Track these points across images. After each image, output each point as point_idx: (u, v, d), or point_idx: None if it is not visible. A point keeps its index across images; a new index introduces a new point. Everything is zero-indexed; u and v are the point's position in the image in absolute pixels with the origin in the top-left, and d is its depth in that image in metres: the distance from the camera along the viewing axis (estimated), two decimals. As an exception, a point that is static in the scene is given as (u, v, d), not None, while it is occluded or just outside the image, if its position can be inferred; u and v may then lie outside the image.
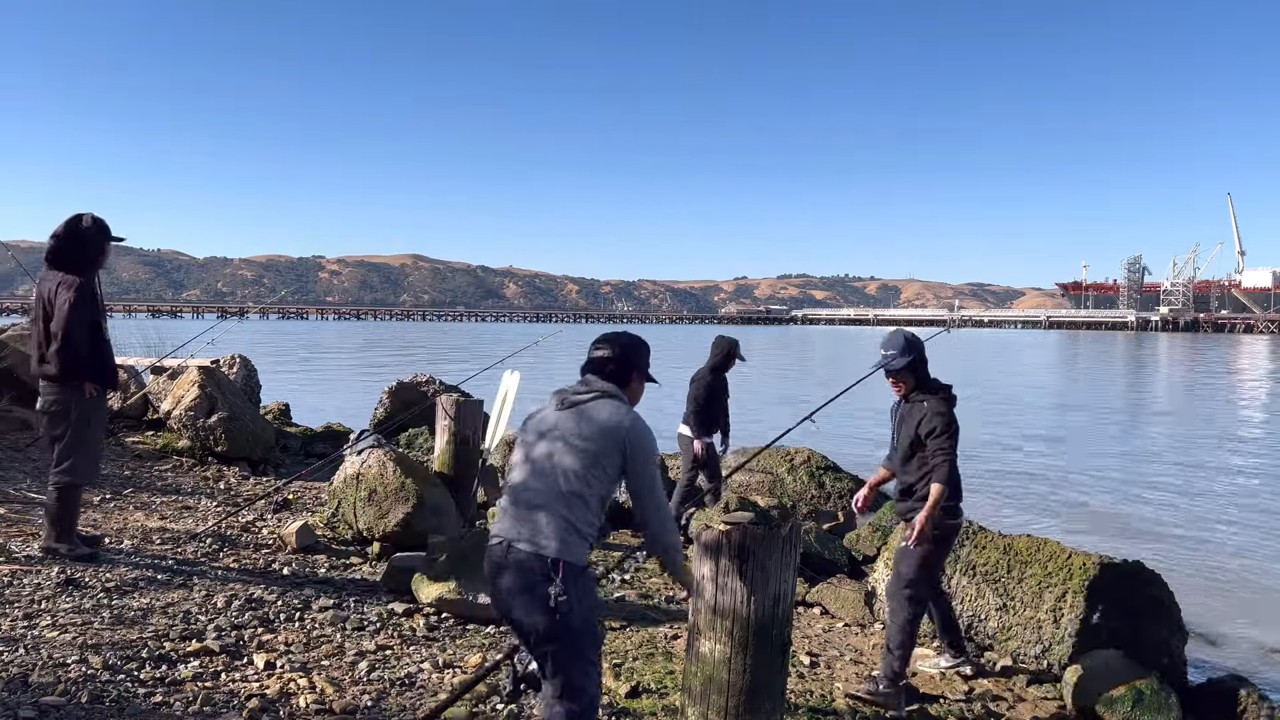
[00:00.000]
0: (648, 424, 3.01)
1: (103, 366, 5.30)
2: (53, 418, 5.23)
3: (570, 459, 2.89)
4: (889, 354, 4.59)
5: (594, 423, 2.92)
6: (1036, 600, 5.27)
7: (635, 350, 3.17)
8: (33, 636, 4.10)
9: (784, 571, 3.24)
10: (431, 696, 3.86)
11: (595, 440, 2.90)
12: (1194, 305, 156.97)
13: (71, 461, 5.20)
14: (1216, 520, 10.89)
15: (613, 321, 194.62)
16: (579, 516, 2.85)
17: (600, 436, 2.90)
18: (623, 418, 2.95)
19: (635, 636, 4.94)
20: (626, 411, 2.99)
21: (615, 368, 3.10)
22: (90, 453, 5.34)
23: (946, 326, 6.17)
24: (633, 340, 3.20)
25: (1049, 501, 11.81)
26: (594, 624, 2.92)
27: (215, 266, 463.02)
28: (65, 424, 5.20)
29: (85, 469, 5.32)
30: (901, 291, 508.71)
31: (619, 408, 2.98)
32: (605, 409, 2.96)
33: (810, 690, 4.51)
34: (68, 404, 5.21)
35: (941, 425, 4.45)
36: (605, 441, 2.90)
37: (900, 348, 4.57)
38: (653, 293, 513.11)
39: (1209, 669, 5.79)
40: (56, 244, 5.17)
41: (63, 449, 5.21)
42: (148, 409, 10.33)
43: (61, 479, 5.20)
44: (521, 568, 2.83)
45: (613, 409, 2.97)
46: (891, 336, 4.67)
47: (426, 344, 57.61)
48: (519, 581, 2.83)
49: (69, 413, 5.21)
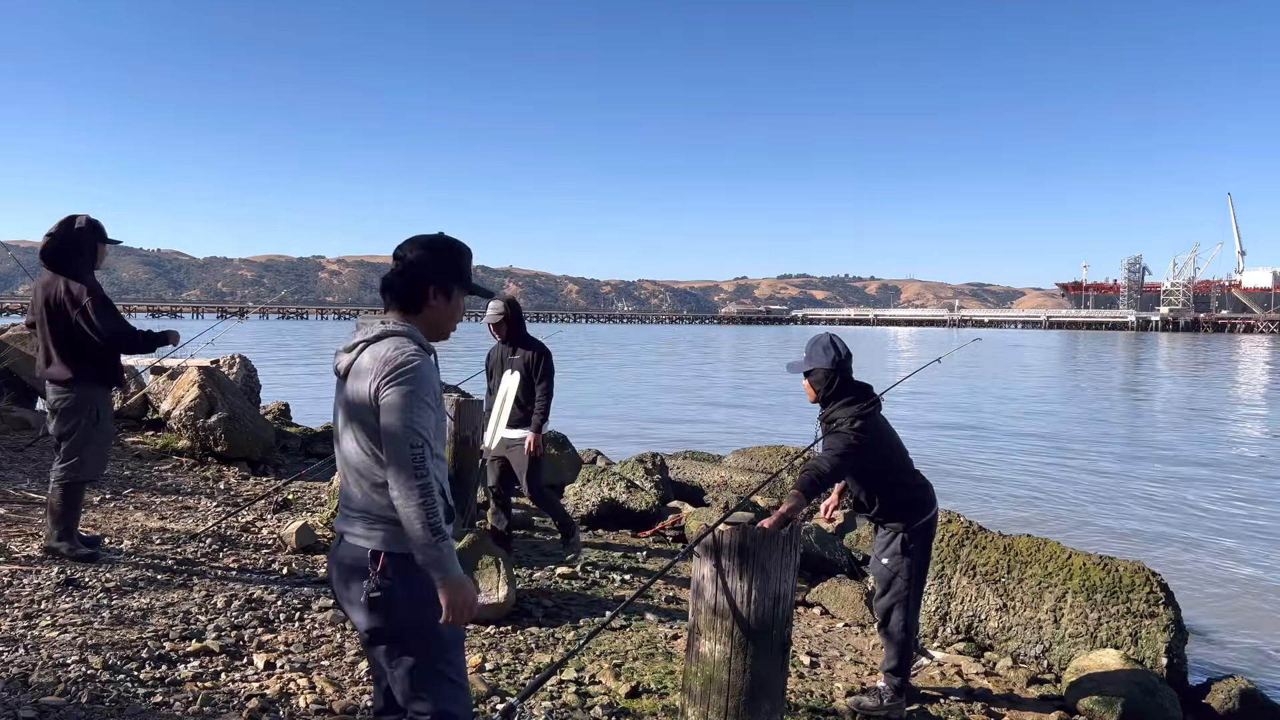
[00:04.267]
0: (427, 368, 2.33)
1: (112, 366, 5.34)
2: (62, 415, 5.22)
3: (350, 433, 2.39)
4: (796, 359, 4.43)
5: (360, 377, 2.34)
6: (1036, 600, 5.27)
7: (434, 254, 2.44)
8: (33, 636, 4.10)
9: (784, 571, 3.24)
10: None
11: (364, 400, 2.32)
12: (1194, 305, 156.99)
13: (79, 459, 5.21)
14: (1217, 520, 10.89)
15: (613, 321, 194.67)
16: (388, 499, 2.31)
17: (365, 395, 2.32)
18: (382, 362, 2.30)
19: (635, 636, 4.94)
20: (394, 350, 2.31)
21: (403, 284, 2.43)
22: (99, 451, 5.35)
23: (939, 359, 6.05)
24: (434, 242, 2.46)
25: (1049, 502, 11.81)
26: (434, 626, 2.35)
27: (215, 266, 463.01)
28: (75, 421, 5.20)
29: (93, 467, 5.33)
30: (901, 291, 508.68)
31: (387, 347, 2.33)
32: (368, 356, 2.35)
33: (810, 690, 4.51)
34: (79, 402, 5.21)
35: (836, 443, 4.20)
36: (367, 399, 2.32)
37: (809, 352, 4.40)
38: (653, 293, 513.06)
39: (1209, 669, 5.79)
40: (50, 242, 5.19)
41: (70, 446, 5.21)
42: (148, 409, 10.33)
43: (68, 475, 5.20)
44: (343, 564, 2.43)
45: (376, 353, 2.33)
46: (811, 339, 4.46)
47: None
48: (341, 578, 2.44)
49: (80, 410, 5.21)
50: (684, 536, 7.44)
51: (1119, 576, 5.18)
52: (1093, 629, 5.07)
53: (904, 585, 4.37)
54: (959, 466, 14.21)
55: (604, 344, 66.24)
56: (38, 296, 5.23)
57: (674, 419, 19.86)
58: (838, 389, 4.36)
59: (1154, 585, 5.14)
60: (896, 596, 4.38)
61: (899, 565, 4.37)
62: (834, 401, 4.37)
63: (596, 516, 7.74)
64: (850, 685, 4.62)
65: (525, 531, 7.30)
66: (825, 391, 4.38)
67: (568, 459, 9.78)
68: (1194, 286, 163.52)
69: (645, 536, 7.47)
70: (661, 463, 9.12)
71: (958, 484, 12.52)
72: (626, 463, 9.12)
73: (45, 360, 5.24)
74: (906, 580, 4.37)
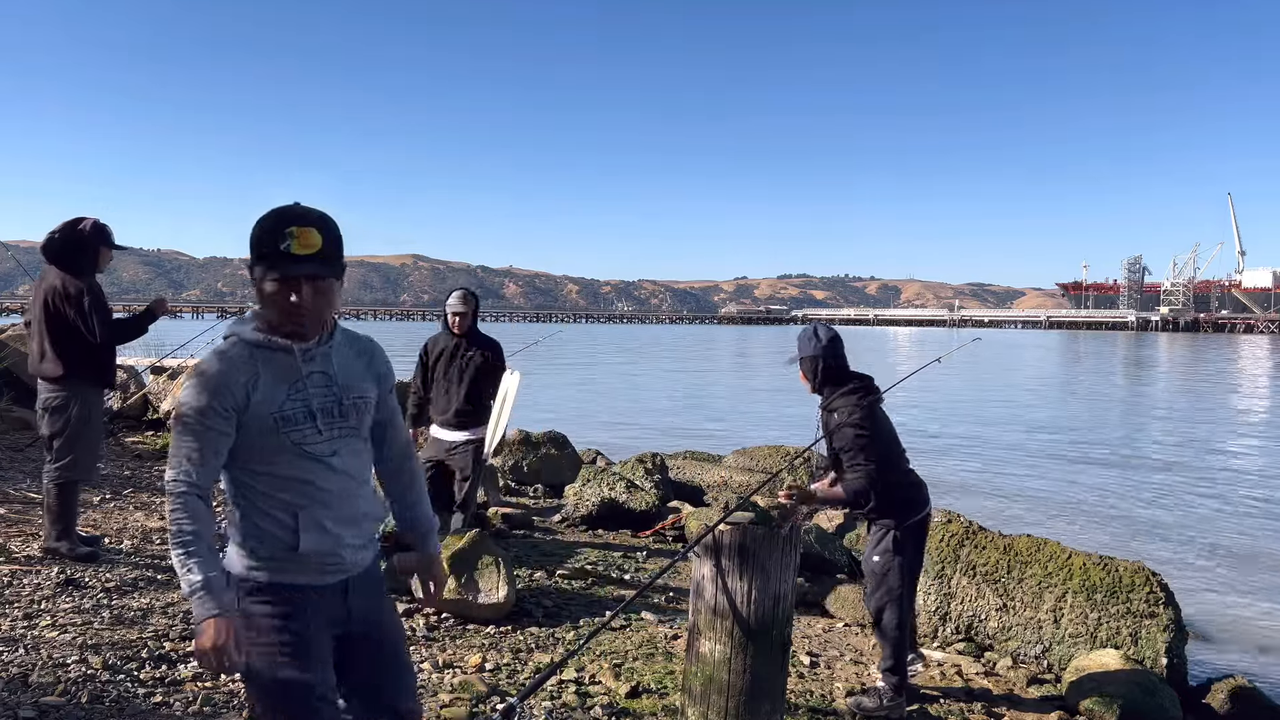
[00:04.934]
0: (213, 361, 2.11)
1: (106, 366, 5.35)
2: (52, 414, 5.23)
3: None
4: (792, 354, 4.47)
5: None
6: (1036, 600, 5.27)
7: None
8: (33, 636, 4.09)
9: (784, 571, 3.24)
10: (432, 696, 3.86)
11: None
12: (1194, 305, 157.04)
13: (71, 458, 5.21)
14: (1217, 520, 10.89)
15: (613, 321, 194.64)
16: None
17: None
18: None
19: (635, 636, 4.94)
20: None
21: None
22: (89, 450, 5.34)
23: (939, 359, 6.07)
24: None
25: (1049, 502, 11.81)
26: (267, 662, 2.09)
27: (215, 266, 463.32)
28: (64, 420, 5.21)
29: (85, 465, 5.32)
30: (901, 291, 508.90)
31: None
32: None
33: (810, 690, 4.51)
34: (69, 400, 5.22)
35: (849, 440, 4.20)
36: None
37: (797, 344, 4.45)
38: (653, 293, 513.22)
39: (1209, 669, 5.79)
40: (52, 240, 5.20)
41: (62, 445, 5.21)
42: (148, 409, 10.34)
43: (62, 475, 5.20)
44: None
45: None
46: (799, 331, 4.52)
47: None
48: None
49: (68, 409, 5.21)
50: (684, 536, 7.44)
51: (1119, 576, 5.18)
52: (1093, 629, 5.07)
53: (896, 583, 4.35)
54: (959, 466, 14.21)
55: (604, 344, 66.24)
56: (37, 294, 5.24)
57: (674, 419, 19.86)
58: (830, 375, 4.38)
59: (1154, 585, 5.14)
60: (889, 595, 4.36)
61: (890, 563, 4.35)
62: (834, 390, 4.38)
63: (596, 516, 7.74)
64: (850, 685, 4.62)
65: (525, 531, 7.30)
66: (816, 379, 4.40)
67: (567, 459, 9.79)
68: (1194, 286, 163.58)
69: (645, 536, 7.47)
70: (661, 463, 9.12)
71: (958, 484, 12.53)
72: (626, 463, 9.12)
73: (39, 356, 5.24)
74: (899, 579, 4.35)
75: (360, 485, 2.24)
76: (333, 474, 2.16)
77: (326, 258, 2.06)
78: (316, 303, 2.08)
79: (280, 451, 2.11)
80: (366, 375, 2.27)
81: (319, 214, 2.08)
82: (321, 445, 2.13)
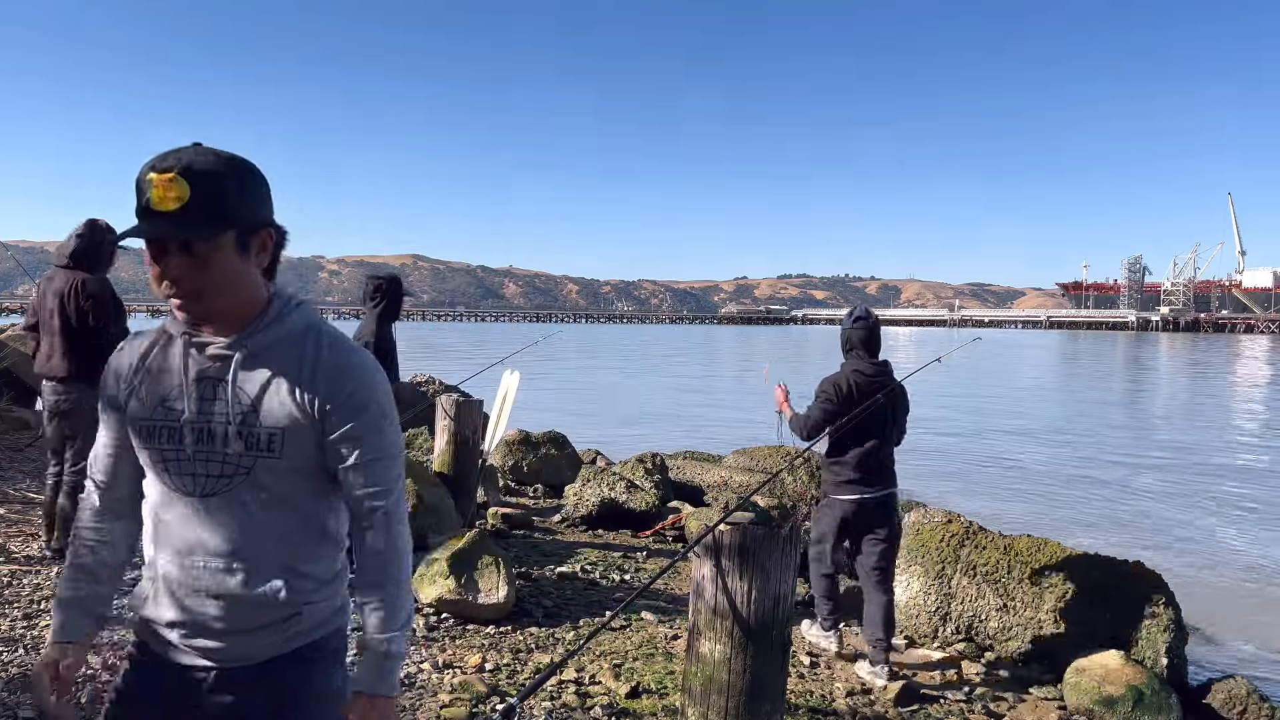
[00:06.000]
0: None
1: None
2: (66, 416, 5.21)
3: None
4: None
5: None
6: (1037, 600, 5.27)
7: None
8: (32, 637, 4.10)
9: (784, 571, 3.24)
10: (431, 696, 3.86)
11: None
12: (1194, 305, 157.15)
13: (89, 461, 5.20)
14: (1217, 520, 10.89)
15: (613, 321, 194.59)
16: None
17: None
18: None
19: (635, 636, 4.94)
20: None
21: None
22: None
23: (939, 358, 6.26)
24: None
25: (1049, 501, 11.81)
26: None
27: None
28: (81, 421, 5.19)
29: None
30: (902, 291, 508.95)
31: None
32: None
33: (810, 690, 4.51)
34: (79, 403, 5.20)
35: (819, 390, 4.96)
36: None
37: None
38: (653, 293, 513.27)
39: (1209, 669, 5.79)
40: (80, 243, 5.22)
41: (81, 447, 5.19)
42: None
43: (79, 479, 5.19)
44: None
45: None
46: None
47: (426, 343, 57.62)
48: None
49: (82, 410, 5.19)
50: (684, 536, 7.44)
51: (1119, 577, 5.18)
52: (1093, 629, 5.07)
53: (816, 535, 5.06)
54: (959, 466, 14.21)
55: (604, 344, 66.25)
56: (46, 294, 5.20)
57: (674, 419, 19.85)
58: (845, 347, 5.07)
59: (1154, 585, 5.14)
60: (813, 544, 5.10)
61: (816, 517, 5.09)
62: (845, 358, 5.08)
63: (596, 516, 7.73)
64: (850, 686, 4.62)
65: (525, 531, 7.30)
66: (843, 350, 5.09)
67: (567, 459, 9.79)
68: (1194, 286, 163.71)
69: (645, 536, 7.47)
70: (661, 463, 9.12)
71: (957, 483, 12.53)
72: (626, 463, 9.11)
73: (47, 355, 5.22)
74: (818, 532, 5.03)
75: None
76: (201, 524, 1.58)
77: (194, 214, 1.47)
78: (189, 274, 1.51)
79: (150, 469, 1.64)
80: (303, 398, 1.57)
81: (192, 154, 1.50)
82: (190, 480, 1.58)
